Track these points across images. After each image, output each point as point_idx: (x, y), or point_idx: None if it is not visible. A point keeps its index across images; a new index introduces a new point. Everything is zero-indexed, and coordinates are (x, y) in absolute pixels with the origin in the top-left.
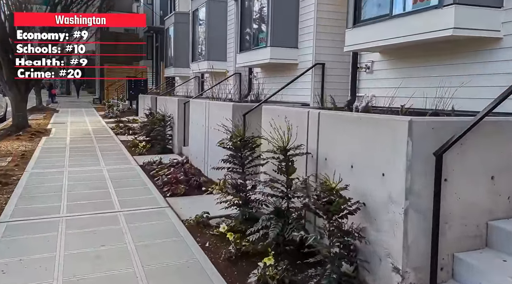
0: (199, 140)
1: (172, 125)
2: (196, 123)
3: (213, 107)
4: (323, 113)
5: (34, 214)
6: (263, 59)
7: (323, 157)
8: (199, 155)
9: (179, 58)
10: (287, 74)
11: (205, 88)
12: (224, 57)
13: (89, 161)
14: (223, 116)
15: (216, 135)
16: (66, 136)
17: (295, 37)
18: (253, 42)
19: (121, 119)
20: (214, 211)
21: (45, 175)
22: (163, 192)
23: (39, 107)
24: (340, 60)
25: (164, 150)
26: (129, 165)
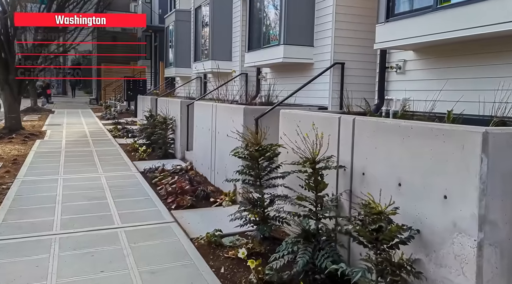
0: (205, 146)
1: (174, 128)
2: (201, 127)
3: (221, 110)
4: (360, 120)
5: (24, 230)
6: (275, 58)
7: (360, 171)
8: (204, 161)
9: (180, 57)
10: (301, 75)
11: (208, 89)
12: (229, 57)
13: (86, 167)
14: (233, 120)
15: (224, 141)
16: (62, 139)
17: (310, 34)
18: (263, 40)
19: (119, 120)
20: (226, 226)
21: (38, 183)
22: (167, 204)
23: (34, 107)
24: (361, 59)
25: (165, 155)
26: (129, 172)
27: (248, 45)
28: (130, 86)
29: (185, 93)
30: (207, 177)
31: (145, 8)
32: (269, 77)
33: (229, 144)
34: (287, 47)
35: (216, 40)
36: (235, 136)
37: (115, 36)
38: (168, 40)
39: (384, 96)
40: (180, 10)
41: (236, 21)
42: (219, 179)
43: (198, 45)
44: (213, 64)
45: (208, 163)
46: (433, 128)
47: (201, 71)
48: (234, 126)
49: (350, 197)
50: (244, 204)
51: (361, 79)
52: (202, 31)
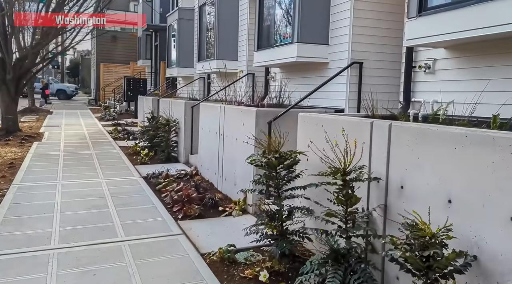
0: (211, 150)
1: (177, 130)
2: (208, 130)
3: (230, 112)
4: (398, 126)
5: (19, 244)
6: (288, 57)
7: (397, 184)
8: (211, 166)
9: (182, 57)
10: (314, 75)
11: (212, 90)
12: (235, 56)
13: (85, 172)
14: (243, 124)
15: (233, 146)
16: (60, 141)
17: (325, 32)
18: (274, 39)
19: (119, 122)
20: (239, 240)
21: (35, 190)
22: (173, 213)
23: (31, 108)
24: (381, 59)
25: (168, 159)
26: (131, 177)
27: (257, 43)
28: (130, 86)
29: (188, 94)
30: (214, 183)
31: (145, 7)
32: (278, 78)
33: (239, 149)
34: (301, 45)
35: (222, 39)
36: (249, 141)
37: (115, 35)
38: (171, 39)
39: (410, 98)
40: (183, 8)
41: (242, 18)
42: (227, 186)
43: (203, 44)
44: (218, 63)
45: (215, 168)
46: (495, 137)
47: (205, 71)
48: (245, 130)
49: (385, 213)
50: (260, 217)
51: (381, 79)
52: (207, 29)
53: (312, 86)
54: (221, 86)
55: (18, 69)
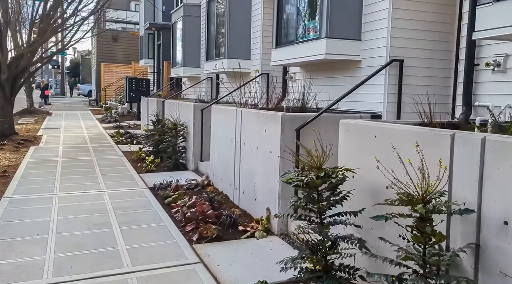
0: (226, 158)
1: (185, 135)
2: (221, 136)
3: (249, 117)
4: (497, 140)
5: (4, 279)
6: (315, 54)
7: (497, 217)
8: (225, 176)
9: (189, 56)
10: (343, 74)
11: (221, 90)
12: (247, 55)
13: (86, 182)
14: (265, 130)
15: (253, 155)
16: (59, 146)
17: (357, 26)
18: (297, 34)
19: (120, 124)
20: (269, 270)
21: (29, 204)
22: (186, 233)
23: (30, 109)
24: (425, 56)
25: (176, 166)
26: (137, 188)
27: (276, 40)
28: (133, 87)
29: (195, 95)
30: (229, 196)
31: (147, 5)
32: (298, 78)
33: (261, 159)
34: (331, 41)
35: (233, 36)
36: (277, 152)
37: (115, 35)
38: (176, 38)
39: (471, 102)
40: (189, 4)
41: (256, 14)
42: (246, 200)
43: (211, 42)
44: (229, 63)
45: (230, 179)
46: None
47: (213, 71)
48: (268, 138)
49: (477, 255)
50: (301, 249)
51: (425, 80)
52: (216, 26)
53: (341, 87)
54: (231, 87)
55: (13, 68)
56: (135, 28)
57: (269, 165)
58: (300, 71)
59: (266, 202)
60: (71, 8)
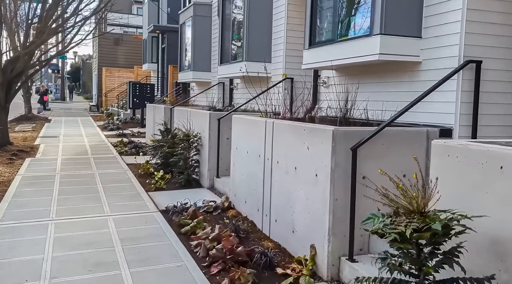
0: (251, 178)
1: (199, 147)
2: (245, 151)
3: (284, 130)
4: None
5: None
6: (366, 55)
7: None
8: (250, 199)
9: (198, 59)
10: (398, 79)
11: (236, 97)
12: (267, 58)
13: (87, 203)
14: (308, 148)
15: (290, 177)
16: (57, 157)
17: (416, 20)
18: (339, 31)
19: (123, 132)
20: None
21: (19, 233)
22: (212, 277)
23: (28, 115)
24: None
25: (188, 182)
26: (146, 211)
27: (309, 39)
28: (136, 93)
29: (207, 102)
30: (256, 223)
31: (151, 7)
32: (333, 83)
33: (301, 182)
34: (386, 39)
35: (252, 37)
36: (326, 177)
37: (117, 38)
38: (184, 40)
39: None
40: (200, 3)
41: (279, 11)
42: (280, 230)
43: (226, 44)
44: (248, 66)
45: (257, 202)
46: None
47: (227, 76)
48: (311, 157)
49: None
50: None
51: (508, 86)
52: (232, 27)
53: (396, 94)
54: (246, 93)
55: (8, 72)
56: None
57: (314, 191)
58: (336, 76)
59: (309, 236)
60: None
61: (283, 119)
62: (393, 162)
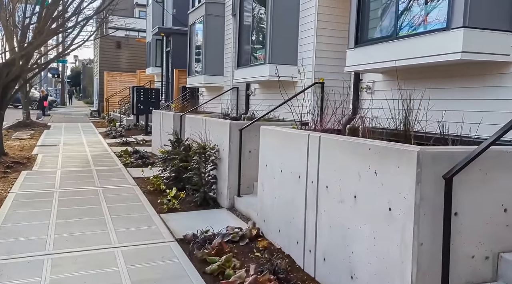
0: (288, 202)
1: (216, 161)
2: (278, 169)
3: (335, 148)
4: None
5: None
6: (443, 53)
7: None
8: (286, 228)
9: (210, 63)
10: (477, 83)
11: (252, 103)
12: (293, 60)
13: (90, 229)
14: (376, 172)
15: (347, 207)
16: (56, 169)
17: (507, 10)
18: (399, 25)
19: (127, 139)
20: None
21: (8, 275)
22: None
23: (26, 122)
24: None
25: (205, 201)
26: (161, 241)
27: (355, 37)
28: (141, 98)
29: (221, 109)
30: (294, 257)
31: (156, 8)
32: (379, 88)
33: (363, 216)
34: (470, 33)
35: (277, 36)
36: (407, 213)
37: (119, 41)
38: (193, 41)
39: None
40: (212, 2)
41: (307, 7)
42: (330, 273)
43: (244, 45)
44: (271, 70)
45: (297, 233)
46: None
47: (244, 80)
48: (380, 184)
49: None
50: None
51: None
52: (251, 27)
53: (477, 103)
54: (264, 99)
55: (4, 76)
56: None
57: (387, 229)
58: (385, 80)
59: None
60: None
61: (323, 132)
62: (491, 193)
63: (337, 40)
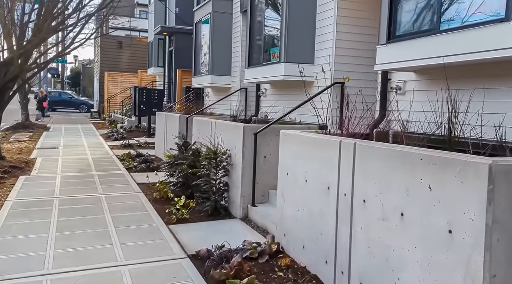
0: (315, 216)
1: (228, 167)
2: (303, 179)
3: (374, 156)
4: None
5: None
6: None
7: None
8: (312, 244)
9: (217, 62)
10: None
11: (262, 105)
12: (310, 58)
13: (93, 243)
14: (430, 186)
15: (390, 226)
16: (56, 174)
17: None
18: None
19: (129, 142)
20: None
21: None
22: None
23: (25, 123)
24: None
25: (216, 210)
26: (172, 258)
27: (388, 32)
28: (143, 99)
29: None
30: (321, 278)
31: (158, 7)
32: (412, 89)
33: (413, 237)
34: None
35: (292, 33)
36: (477, 238)
37: (120, 41)
38: (199, 40)
39: None
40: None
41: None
42: None
43: (255, 43)
44: (287, 69)
45: (325, 251)
46: None
47: (256, 80)
48: (437, 201)
49: None
50: None
51: None
52: (264, 23)
53: None
54: (276, 100)
55: (1, 76)
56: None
57: (446, 256)
58: (420, 79)
59: None
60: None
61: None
62: None
63: (358, 37)
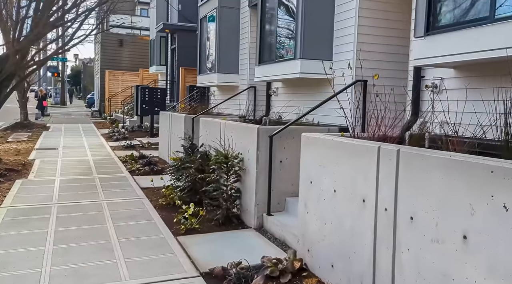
0: (347, 232)
1: (240, 172)
2: (332, 189)
3: (423, 166)
4: None
5: None
6: None
7: None
8: (342, 263)
9: (225, 60)
10: None
11: (273, 104)
12: (328, 54)
13: (94, 258)
14: (504, 204)
15: (447, 250)
16: (55, 178)
17: None
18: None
19: (131, 142)
20: None
21: None
22: None
23: (24, 122)
24: None
25: (228, 219)
26: (182, 275)
27: (426, 22)
28: (145, 98)
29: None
30: None
31: (161, 4)
32: (451, 87)
33: (481, 266)
34: None
35: (309, 27)
36: None
37: (121, 39)
38: (204, 37)
39: None
40: None
41: None
42: None
43: (267, 39)
44: (303, 66)
45: (360, 274)
46: None
47: (268, 79)
48: None
49: None
50: None
51: None
52: (277, 18)
53: None
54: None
55: None
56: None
57: None
58: (460, 76)
59: None
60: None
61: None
62: None
63: (383, 31)
